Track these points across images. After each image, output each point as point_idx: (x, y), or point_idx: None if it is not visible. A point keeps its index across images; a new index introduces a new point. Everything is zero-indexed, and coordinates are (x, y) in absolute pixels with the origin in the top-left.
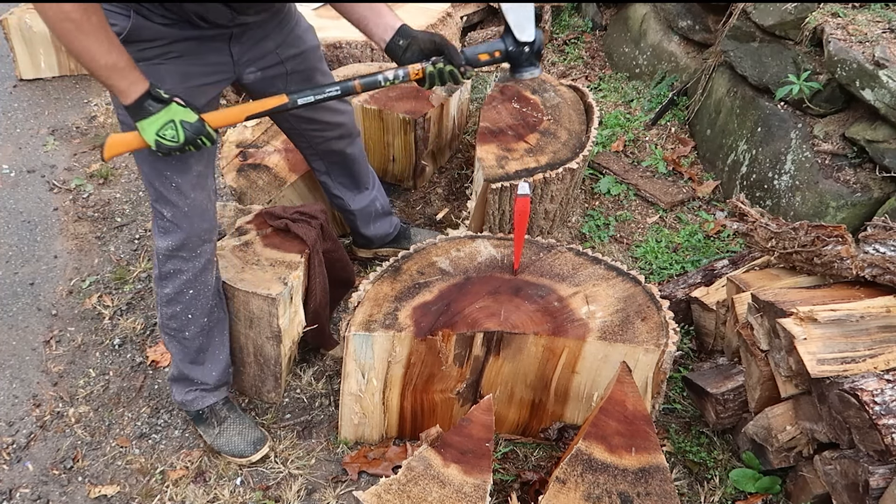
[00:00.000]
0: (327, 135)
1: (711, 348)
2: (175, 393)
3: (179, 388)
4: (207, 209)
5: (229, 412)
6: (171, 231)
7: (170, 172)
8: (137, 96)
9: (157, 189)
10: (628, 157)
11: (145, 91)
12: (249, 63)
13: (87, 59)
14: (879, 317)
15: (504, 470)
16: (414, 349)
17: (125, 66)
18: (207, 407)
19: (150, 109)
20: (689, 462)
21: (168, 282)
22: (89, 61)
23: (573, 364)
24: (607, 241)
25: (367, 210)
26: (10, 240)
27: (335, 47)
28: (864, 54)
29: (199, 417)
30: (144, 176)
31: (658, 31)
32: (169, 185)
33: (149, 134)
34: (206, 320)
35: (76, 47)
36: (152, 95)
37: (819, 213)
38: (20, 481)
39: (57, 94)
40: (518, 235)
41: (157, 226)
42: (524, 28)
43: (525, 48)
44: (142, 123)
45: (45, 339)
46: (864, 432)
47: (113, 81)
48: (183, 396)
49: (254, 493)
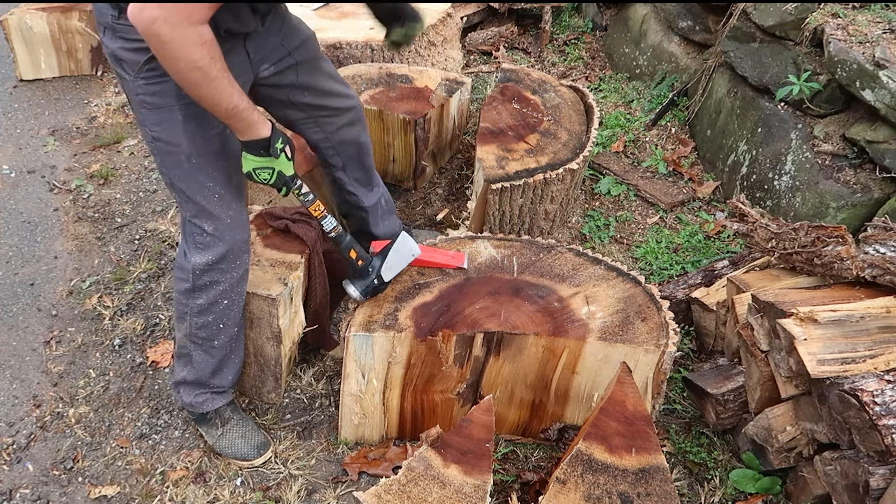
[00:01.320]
0: (340, 120)
1: (711, 349)
2: (183, 395)
3: (189, 391)
4: (245, 220)
5: (233, 414)
6: (211, 245)
7: (212, 184)
8: (254, 139)
9: (197, 204)
10: (628, 158)
11: (264, 138)
12: (263, 60)
13: (211, 105)
14: (879, 317)
15: (504, 470)
16: (414, 350)
17: (245, 107)
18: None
19: (259, 153)
20: (689, 462)
21: (202, 293)
22: (213, 106)
23: (573, 364)
24: (607, 242)
25: (377, 207)
26: (11, 240)
27: (335, 47)
28: (864, 55)
29: (202, 418)
30: (182, 193)
31: (658, 31)
32: (212, 196)
33: (248, 163)
34: (237, 329)
35: (202, 94)
36: (269, 144)
37: (819, 213)
38: (20, 482)
39: (57, 95)
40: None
41: (195, 242)
42: (393, 270)
43: (376, 280)
44: (248, 157)
45: (46, 339)
46: (865, 433)
47: (232, 122)
48: (192, 399)
49: (254, 494)
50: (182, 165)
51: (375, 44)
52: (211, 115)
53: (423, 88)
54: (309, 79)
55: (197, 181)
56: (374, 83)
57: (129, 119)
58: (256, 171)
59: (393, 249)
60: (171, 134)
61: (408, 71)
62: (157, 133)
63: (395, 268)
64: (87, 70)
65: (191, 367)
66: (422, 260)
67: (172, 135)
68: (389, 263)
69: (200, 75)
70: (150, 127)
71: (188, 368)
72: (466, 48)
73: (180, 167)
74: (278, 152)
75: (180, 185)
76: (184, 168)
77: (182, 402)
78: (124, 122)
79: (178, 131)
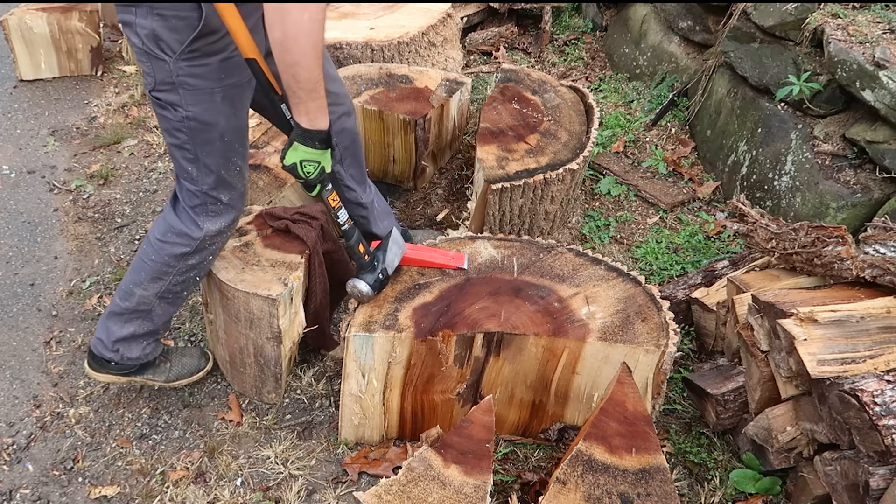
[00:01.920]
0: (339, 109)
1: (712, 349)
2: (127, 351)
3: (137, 345)
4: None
5: (165, 347)
6: (224, 213)
7: (236, 158)
8: (316, 128)
9: (220, 177)
10: (628, 158)
11: (324, 129)
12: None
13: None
14: (880, 317)
15: (504, 471)
16: (414, 350)
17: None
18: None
19: (315, 144)
20: (689, 463)
21: (198, 254)
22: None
23: (573, 365)
24: (607, 242)
25: (373, 205)
26: (11, 240)
27: (335, 48)
28: (864, 55)
29: (146, 366)
30: (206, 168)
31: (658, 31)
32: (234, 169)
33: (297, 154)
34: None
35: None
36: (328, 136)
37: (819, 213)
38: (20, 482)
39: (57, 95)
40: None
41: (208, 211)
42: (394, 263)
43: (381, 274)
44: (299, 146)
45: (46, 339)
46: (865, 433)
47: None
48: (141, 351)
49: (254, 494)
50: (214, 143)
51: (375, 44)
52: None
53: (423, 89)
54: None
55: (224, 156)
56: (374, 83)
57: (129, 119)
58: (303, 164)
59: (392, 241)
60: (209, 114)
61: (408, 71)
62: (193, 113)
63: (395, 260)
64: (87, 70)
65: (147, 321)
66: (422, 260)
67: (210, 115)
68: (391, 257)
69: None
70: (185, 107)
71: (140, 322)
72: (466, 48)
73: (212, 144)
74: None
75: (207, 160)
76: (215, 146)
77: (124, 358)
78: (124, 123)
79: (216, 112)
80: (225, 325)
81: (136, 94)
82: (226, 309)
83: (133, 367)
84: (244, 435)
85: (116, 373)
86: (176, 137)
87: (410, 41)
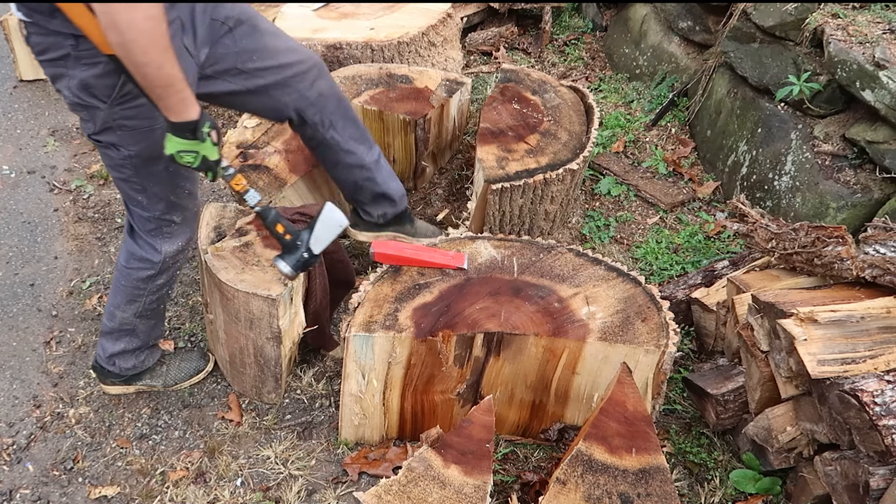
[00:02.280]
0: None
1: (712, 349)
2: (123, 363)
3: (130, 357)
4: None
5: (162, 352)
6: (178, 233)
7: (184, 182)
8: (184, 120)
9: (169, 202)
10: (628, 158)
11: (192, 119)
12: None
13: (154, 68)
14: (880, 318)
15: (504, 471)
16: (414, 350)
17: (182, 80)
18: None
19: (185, 136)
20: (689, 463)
21: (164, 275)
22: (157, 69)
23: (573, 365)
24: (607, 242)
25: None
26: (11, 241)
27: (335, 48)
28: (864, 55)
29: (144, 372)
30: (154, 196)
31: (658, 31)
32: (183, 192)
33: (173, 145)
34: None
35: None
36: (196, 128)
37: (819, 213)
38: (20, 482)
39: (57, 95)
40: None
41: (163, 234)
42: (322, 242)
43: (305, 254)
44: (173, 139)
45: (46, 339)
46: (865, 433)
47: (167, 98)
48: (135, 361)
49: (254, 494)
50: (160, 174)
51: (375, 44)
52: None
53: (423, 89)
54: (250, 41)
55: (171, 183)
56: (374, 83)
57: None
58: (180, 154)
59: (320, 221)
60: (150, 150)
61: (408, 71)
62: (135, 151)
63: (323, 240)
64: None
65: (134, 337)
66: (422, 260)
67: (152, 150)
68: (317, 236)
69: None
70: (126, 147)
71: (128, 339)
72: (466, 48)
73: (158, 176)
74: (204, 136)
75: (155, 189)
76: (161, 176)
77: (121, 369)
78: None
79: (157, 146)
80: (225, 326)
81: None
82: (226, 309)
83: (132, 374)
84: (244, 435)
85: (120, 382)
86: (121, 172)
87: (410, 41)
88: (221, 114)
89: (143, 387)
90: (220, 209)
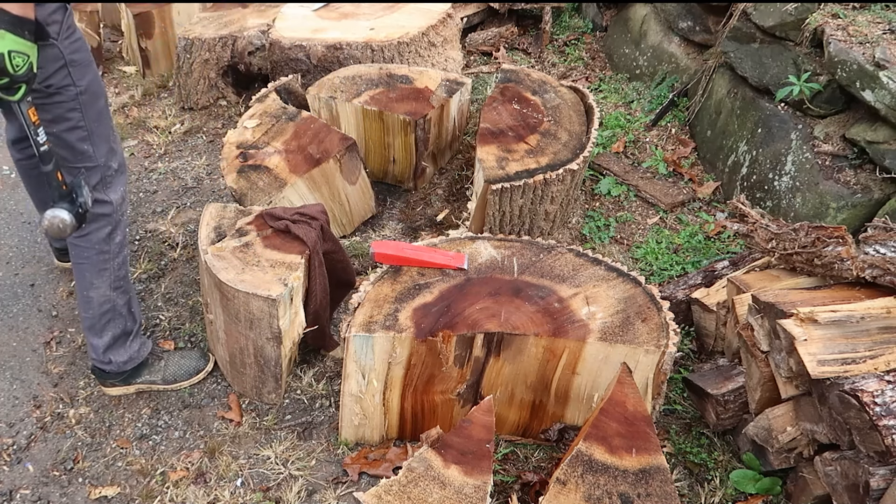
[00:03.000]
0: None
1: (712, 349)
2: (118, 356)
3: (122, 349)
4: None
5: (159, 348)
6: (117, 179)
7: (110, 121)
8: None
9: (108, 144)
10: (629, 158)
11: (33, 20)
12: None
13: None
14: (880, 318)
15: (504, 471)
16: (414, 350)
17: None
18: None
19: (24, 34)
20: (689, 463)
21: (118, 229)
22: None
23: (573, 365)
24: (608, 242)
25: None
26: (11, 241)
27: (335, 48)
28: (864, 55)
29: (141, 367)
30: (98, 138)
31: (658, 32)
32: (114, 133)
33: (5, 44)
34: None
35: None
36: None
37: (819, 214)
38: (21, 482)
39: None
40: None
41: (107, 182)
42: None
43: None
44: (7, 34)
45: (46, 340)
46: (865, 433)
47: None
48: (130, 353)
49: (254, 495)
50: (102, 110)
51: (375, 44)
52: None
53: (423, 89)
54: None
55: (107, 122)
56: (374, 84)
57: (129, 119)
58: (11, 54)
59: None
60: (95, 83)
61: (408, 71)
62: (83, 86)
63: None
64: None
65: (117, 319)
66: (422, 260)
67: (96, 84)
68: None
69: None
70: (77, 83)
71: (112, 324)
72: (466, 49)
73: (101, 112)
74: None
75: (99, 129)
76: (102, 112)
77: (118, 365)
78: (124, 123)
79: (97, 79)
80: (225, 326)
81: (137, 94)
82: (226, 309)
83: (130, 371)
84: (244, 435)
85: (120, 382)
86: (69, 120)
87: (410, 41)
88: (221, 114)
89: (142, 385)
90: (220, 209)
